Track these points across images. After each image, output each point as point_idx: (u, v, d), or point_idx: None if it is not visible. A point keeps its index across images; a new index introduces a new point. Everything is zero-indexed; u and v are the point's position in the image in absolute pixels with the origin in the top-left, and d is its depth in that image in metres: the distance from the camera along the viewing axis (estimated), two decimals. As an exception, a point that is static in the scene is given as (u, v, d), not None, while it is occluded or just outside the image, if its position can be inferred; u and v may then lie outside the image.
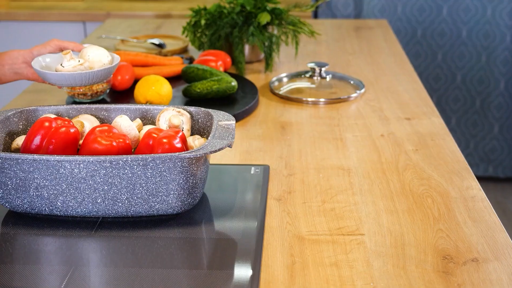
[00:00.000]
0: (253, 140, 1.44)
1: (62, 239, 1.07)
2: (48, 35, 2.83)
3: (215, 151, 1.05)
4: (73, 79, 1.27)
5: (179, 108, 1.21)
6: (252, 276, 0.96)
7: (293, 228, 1.10)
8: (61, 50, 1.39)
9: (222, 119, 1.16)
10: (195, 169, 1.07)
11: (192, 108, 1.22)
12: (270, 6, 1.88)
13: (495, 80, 3.13)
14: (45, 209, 1.10)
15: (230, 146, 1.08)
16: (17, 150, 1.17)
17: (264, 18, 1.80)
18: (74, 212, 1.10)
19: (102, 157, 1.04)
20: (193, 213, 1.14)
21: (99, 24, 2.77)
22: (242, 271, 0.98)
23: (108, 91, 1.62)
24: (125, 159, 1.04)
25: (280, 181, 1.25)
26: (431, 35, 3.16)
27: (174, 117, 1.18)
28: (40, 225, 1.10)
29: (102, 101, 1.61)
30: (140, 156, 1.04)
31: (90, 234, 1.08)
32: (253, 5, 1.85)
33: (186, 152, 1.04)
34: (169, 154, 1.04)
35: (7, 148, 1.18)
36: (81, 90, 1.56)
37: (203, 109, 1.21)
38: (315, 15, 3.08)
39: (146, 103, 1.51)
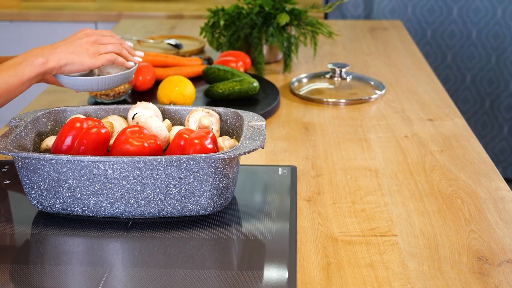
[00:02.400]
0: (278, 140, 1.44)
1: (94, 240, 1.07)
2: (59, 36, 2.82)
3: (249, 152, 1.05)
4: (90, 84, 1.25)
5: (208, 109, 1.21)
6: (289, 277, 0.96)
7: (325, 229, 1.10)
8: None
9: (252, 119, 1.16)
10: (228, 170, 1.07)
11: (221, 109, 1.22)
12: (288, 6, 1.88)
13: (505, 81, 3.13)
14: (77, 210, 1.09)
15: (262, 147, 1.08)
16: (46, 151, 1.17)
17: (283, 18, 1.80)
18: (106, 213, 1.09)
19: (136, 158, 1.03)
20: (224, 214, 1.13)
21: (111, 24, 2.77)
22: (278, 272, 0.98)
23: (130, 91, 1.62)
24: (159, 160, 1.04)
25: (308, 182, 1.25)
26: (441, 36, 3.17)
27: (204, 118, 1.18)
28: (72, 225, 1.10)
29: (124, 102, 1.61)
30: (175, 156, 1.04)
31: (122, 235, 1.08)
32: (271, 6, 1.85)
33: (220, 153, 1.04)
34: (203, 154, 1.04)
35: (37, 149, 1.18)
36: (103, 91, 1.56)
37: (232, 109, 1.21)
38: (325, 16, 3.08)
39: (169, 103, 1.51)
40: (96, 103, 1.59)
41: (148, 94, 1.65)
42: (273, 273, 0.98)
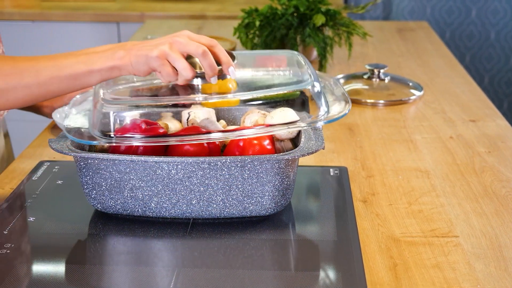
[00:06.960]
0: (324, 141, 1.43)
1: (155, 241, 1.07)
2: (81, 36, 2.83)
3: (312, 153, 1.05)
4: None
5: (263, 110, 1.21)
6: (359, 278, 0.96)
7: (386, 230, 1.10)
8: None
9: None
10: (290, 170, 1.07)
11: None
12: (323, 7, 1.88)
13: (524, 83, 3.14)
14: (138, 210, 1.09)
15: (323, 147, 1.08)
16: (102, 151, 1.16)
17: (319, 19, 1.80)
18: (167, 214, 1.09)
19: (201, 158, 1.03)
20: (281, 215, 1.13)
21: (133, 24, 2.77)
22: (346, 273, 0.98)
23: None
24: (223, 160, 1.03)
25: (361, 183, 1.25)
26: (459, 37, 3.17)
27: (261, 119, 1.17)
28: (130, 226, 1.10)
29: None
30: (239, 157, 1.03)
31: (183, 235, 1.07)
32: (306, 7, 1.85)
33: (285, 153, 1.04)
34: (268, 155, 1.04)
35: (92, 149, 1.18)
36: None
37: (286, 110, 1.21)
38: (346, 17, 3.08)
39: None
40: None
41: (188, 94, 1.65)
42: (341, 273, 0.97)
